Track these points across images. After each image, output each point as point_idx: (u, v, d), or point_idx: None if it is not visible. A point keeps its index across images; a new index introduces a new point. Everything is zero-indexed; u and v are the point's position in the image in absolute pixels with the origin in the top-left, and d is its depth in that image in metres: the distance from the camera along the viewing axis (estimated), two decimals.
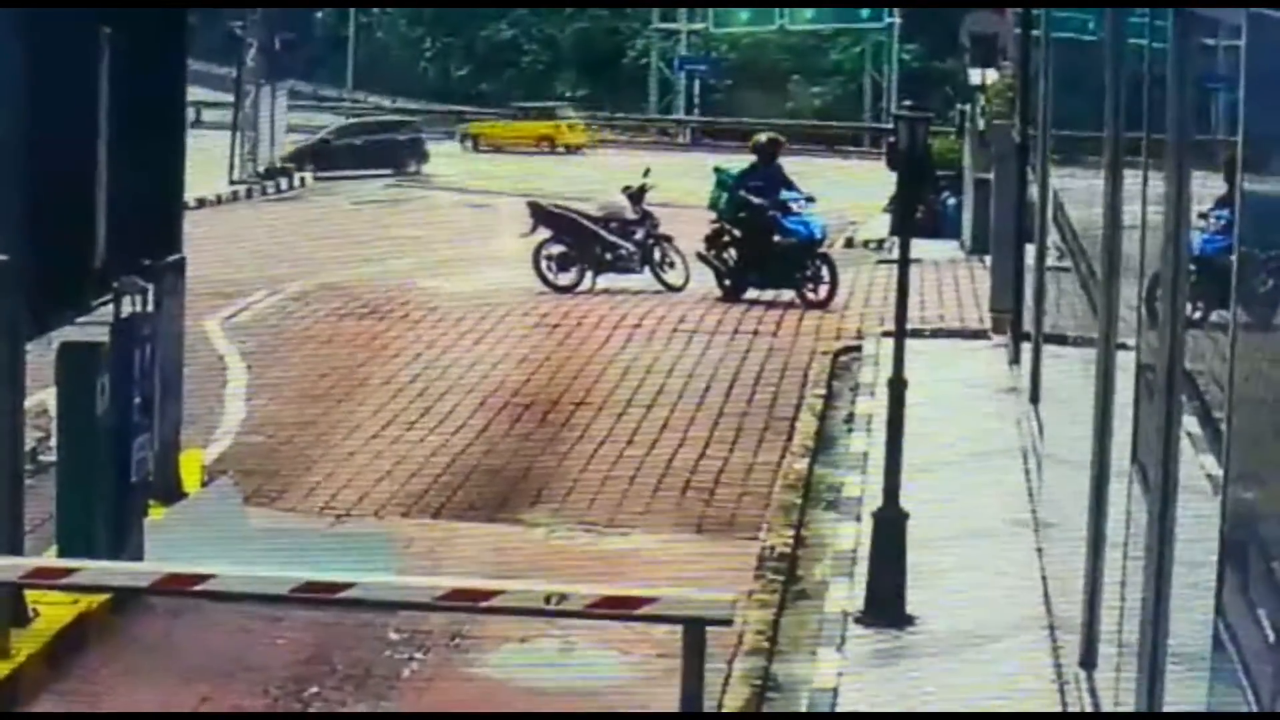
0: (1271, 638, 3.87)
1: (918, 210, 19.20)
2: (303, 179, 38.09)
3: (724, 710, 9.04)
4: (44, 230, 9.85)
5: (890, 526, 10.23)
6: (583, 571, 10.87)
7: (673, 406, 16.02)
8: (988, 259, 20.92)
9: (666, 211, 23.35)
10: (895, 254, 11.05)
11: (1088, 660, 8.18)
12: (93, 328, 10.78)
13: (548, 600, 7.37)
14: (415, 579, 7.93)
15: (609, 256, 22.35)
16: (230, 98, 38.91)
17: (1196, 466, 5.66)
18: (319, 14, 50.30)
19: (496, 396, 16.15)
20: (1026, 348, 15.07)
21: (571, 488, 13.51)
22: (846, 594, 10.50)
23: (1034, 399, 13.61)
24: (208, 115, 41.19)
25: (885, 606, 10.08)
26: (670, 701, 7.29)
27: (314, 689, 9.53)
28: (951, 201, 25.68)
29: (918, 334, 12.23)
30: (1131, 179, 7.67)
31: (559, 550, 11.96)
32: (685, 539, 12.39)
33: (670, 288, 22.17)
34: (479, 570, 10.79)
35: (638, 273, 22.35)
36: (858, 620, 10.07)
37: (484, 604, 7.58)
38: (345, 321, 19.85)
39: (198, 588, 7.71)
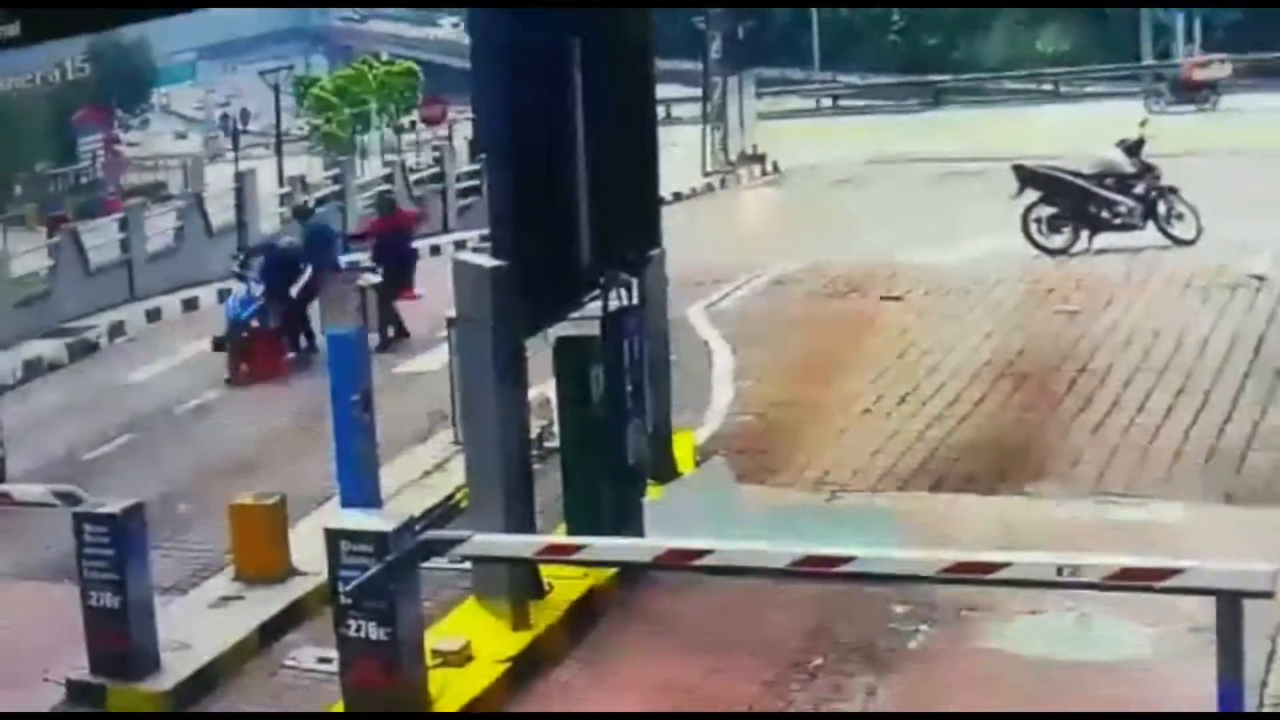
0: None
1: None
2: (774, 164, 38.53)
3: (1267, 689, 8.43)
4: (535, 235, 10.39)
5: None
6: (1096, 542, 10.19)
7: (1188, 371, 14.95)
8: None
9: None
10: None
11: None
12: (584, 322, 11.33)
13: (1060, 571, 6.94)
14: (917, 552, 7.79)
15: (1105, 214, 21.55)
16: (698, 91, 39.72)
17: None
18: None
19: (990, 367, 15.64)
20: None
21: (1078, 457, 12.87)
22: None
23: None
24: (678, 110, 42.16)
25: None
26: (1201, 678, 6.86)
27: (818, 660, 9.50)
28: None
29: None
30: None
31: (1068, 521, 11.39)
32: (1213, 509, 11.56)
33: (1180, 242, 20.98)
34: (983, 542, 10.25)
35: (1140, 229, 21.23)
36: None
37: (990, 576, 7.16)
38: (826, 301, 19.64)
39: (698, 562, 7.80)
